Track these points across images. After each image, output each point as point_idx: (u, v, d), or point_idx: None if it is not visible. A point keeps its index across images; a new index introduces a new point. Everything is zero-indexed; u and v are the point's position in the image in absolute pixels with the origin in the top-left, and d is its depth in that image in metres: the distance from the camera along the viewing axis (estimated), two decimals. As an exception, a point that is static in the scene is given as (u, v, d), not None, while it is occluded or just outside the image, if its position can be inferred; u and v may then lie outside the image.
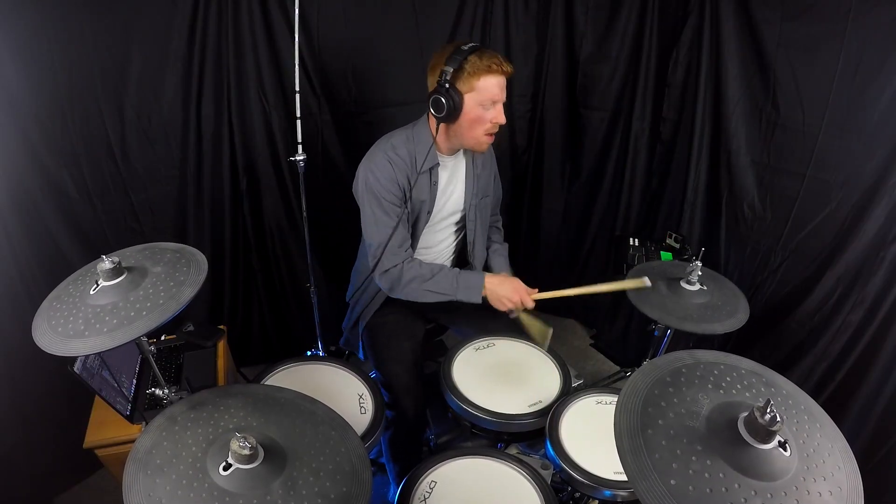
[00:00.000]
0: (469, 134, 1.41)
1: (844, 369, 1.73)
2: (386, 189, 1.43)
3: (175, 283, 1.01)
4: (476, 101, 1.35)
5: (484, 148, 1.47)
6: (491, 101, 1.36)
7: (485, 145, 1.46)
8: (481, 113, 1.37)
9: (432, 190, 1.51)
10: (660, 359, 0.90)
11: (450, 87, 1.33)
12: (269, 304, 2.28)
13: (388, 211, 1.44)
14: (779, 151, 1.80)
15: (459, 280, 1.48)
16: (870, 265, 1.62)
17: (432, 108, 1.38)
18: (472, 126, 1.39)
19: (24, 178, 1.55)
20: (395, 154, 1.43)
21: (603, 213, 2.47)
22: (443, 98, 1.34)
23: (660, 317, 1.42)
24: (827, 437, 0.80)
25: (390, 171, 1.42)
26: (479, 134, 1.41)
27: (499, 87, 1.36)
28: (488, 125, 1.40)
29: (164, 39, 1.68)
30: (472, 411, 1.35)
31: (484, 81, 1.33)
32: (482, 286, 1.46)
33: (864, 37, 1.51)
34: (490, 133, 1.42)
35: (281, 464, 0.84)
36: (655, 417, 0.79)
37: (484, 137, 1.42)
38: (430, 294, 1.48)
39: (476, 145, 1.45)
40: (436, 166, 1.49)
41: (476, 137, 1.42)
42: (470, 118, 1.38)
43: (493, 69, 1.33)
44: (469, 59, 1.31)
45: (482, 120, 1.38)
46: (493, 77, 1.34)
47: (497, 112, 1.39)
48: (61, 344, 0.92)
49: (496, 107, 1.38)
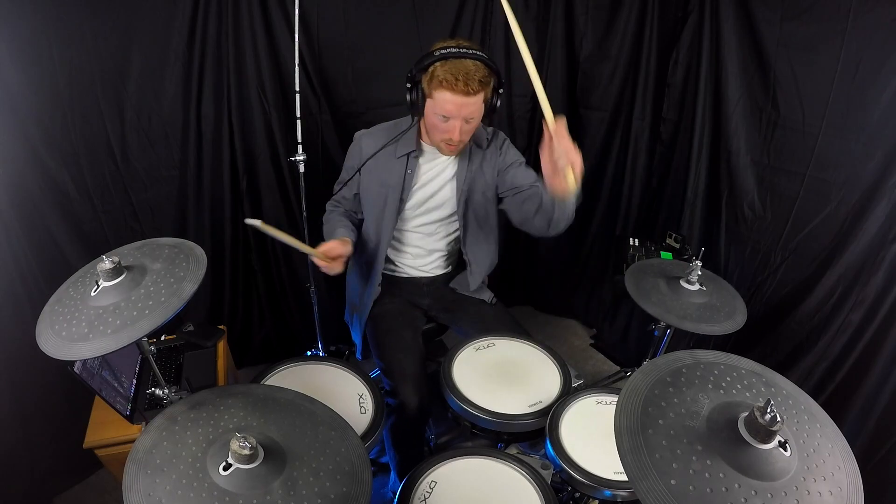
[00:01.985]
0: (431, 135, 1.44)
1: (844, 369, 1.73)
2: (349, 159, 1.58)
3: (175, 280, 1.01)
4: (431, 108, 1.35)
5: (444, 153, 1.48)
6: (443, 114, 1.33)
7: (445, 152, 1.46)
8: (437, 122, 1.36)
9: (407, 177, 1.51)
10: (660, 359, 0.90)
11: (412, 85, 1.35)
12: (269, 304, 2.28)
13: (343, 178, 1.61)
14: (779, 151, 1.80)
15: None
16: (870, 265, 1.62)
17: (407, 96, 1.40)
18: (432, 130, 1.41)
19: (24, 178, 1.55)
20: (369, 136, 1.54)
21: (603, 213, 2.47)
22: (407, 92, 1.37)
23: (659, 315, 1.42)
24: (827, 437, 0.80)
25: (357, 147, 1.55)
26: (437, 140, 1.43)
27: (453, 105, 1.30)
28: (446, 136, 1.38)
29: (164, 39, 1.68)
30: (472, 411, 1.35)
31: (439, 94, 1.30)
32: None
33: (864, 37, 1.51)
34: (447, 143, 1.41)
35: (281, 464, 0.84)
36: (655, 417, 0.79)
37: (442, 145, 1.43)
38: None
39: (437, 148, 1.48)
40: (411, 154, 1.50)
41: (435, 141, 1.44)
42: (429, 122, 1.40)
43: (445, 85, 1.28)
44: (434, 66, 1.29)
45: (437, 128, 1.38)
46: (447, 93, 1.29)
47: (449, 127, 1.34)
48: (66, 348, 0.92)
49: (449, 122, 1.34)
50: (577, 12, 2.13)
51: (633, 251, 2.15)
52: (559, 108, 2.32)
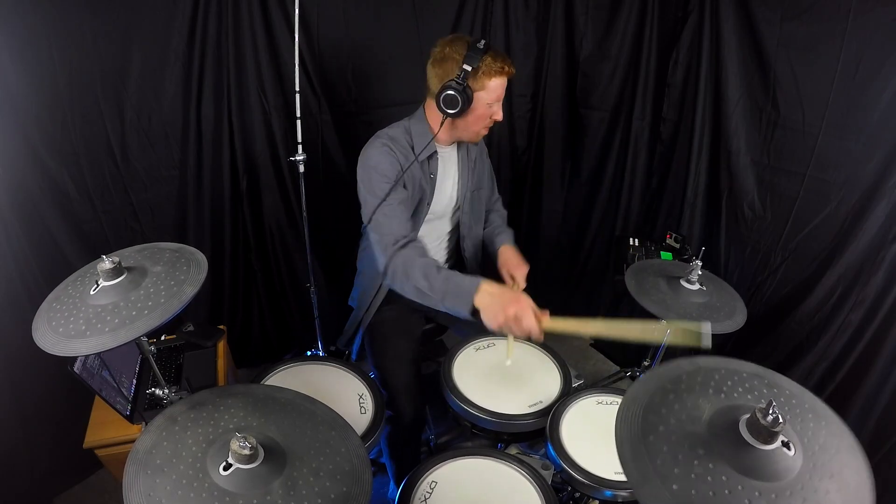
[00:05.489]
0: (472, 128, 1.47)
1: (844, 369, 1.73)
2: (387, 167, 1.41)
3: (175, 282, 1.01)
4: (484, 99, 1.40)
5: (477, 140, 1.55)
6: (497, 100, 1.42)
7: (479, 137, 1.54)
8: (486, 110, 1.43)
9: (431, 181, 1.53)
10: (659, 367, 0.90)
11: (466, 85, 1.36)
12: (269, 304, 2.28)
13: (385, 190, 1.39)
14: (779, 151, 1.80)
15: (452, 279, 1.27)
16: (870, 265, 1.62)
17: (444, 103, 1.38)
18: (477, 121, 1.45)
19: (24, 178, 1.55)
20: (394, 144, 1.46)
21: (603, 213, 2.47)
22: (458, 94, 1.36)
23: (660, 314, 1.42)
24: (833, 434, 0.80)
25: (392, 155, 1.43)
26: (480, 128, 1.48)
27: (503, 88, 1.43)
28: (489, 121, 1.46)
29: (164, 39, 1.68)
30: (473, 411, 1.35)
31: (494, 82, 1.39)
32: (474, 290, 1.22)
33: (864, 37, 1.51)
34: (488, 127, 1.50)
35: (281, 464, 0.83)
36: (656, 424, 0.79)
37: (483, 131, 1.50)
38: (415, 289, 1.32)
39: (473, 137, 1.52)
40: (434, 156, 1.52)
41: (477, 131, 1.49)
42: (476, 114, 1.43)
43: (504, 71, 1.39)
44: (485, 59, 1.36)
45: (485, 116, 1.44)
46: (502, 78, 1.40)
47: (498, 108, 1.45)
48: (62, 344, 0.92)
49: (498, 104, 1.45)
50: (577, 12, 2.13)
51: (633, 251, 2.15)
52: (559, 108, 2.32)
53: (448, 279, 1.28)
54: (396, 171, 1.42)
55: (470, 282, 1.25)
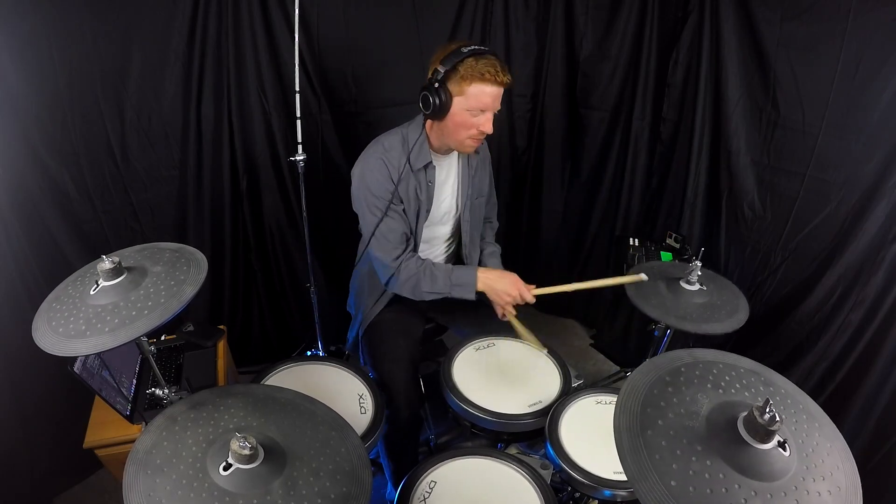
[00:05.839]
0: (454, 136, 1.41)
1: (844, 369, 1.73)
2: (379, 187, 1.43)
3: (176, 282, 1.01)
4: (464, 105, 1.34)
5: (467, 150, 1.47)
6: (479, 108, 1.34)
7: (468, 149, 1.46)
8: (468, 118, 1.36)
9: (429, 189, 1.51)
10: (658, 358, 0.90)
11: (440, 86, 1.32)
12: (269, 304, 2.28)
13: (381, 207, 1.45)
14: (779, 151, 1.80)
15: (452, 277, 1.49)
16: (870, 265, 1.62)
17: (421, 104, 1.37)
18: (457, 129, 1.38)
19: (24, 178, 1.55)
20: (389, 155, 1.44)
21: (603, 213, 2.47)
22: (430, 96, 1.33)
23: (659, 316, 1.42)
24: (825, 437, 0.80)
25: (384, 170, 1.43)
26: (462, 138, 1.40)
27: (490, 97, 1.33)
28: (474, 131, 1.38)
29: (164, 39, 1.68)
30: (472, 411, 1.35)
31: (475, 88, 1.31)
32: (475, 282, 1.47)
33: (864, 37, 1.51)
34: (475, 139, 1.41)
35: (281, 464, 0.84)
36: (655, 418, 0.79)
37: (468, 142, 1.42)
38: (427, 294, 1.50)
39: (458, 147, 1.45)
40: (429, 165, 1.49)
41: (459, 140, 1.41)
42: (456, 121, 1.37)
43: (486, 77, 1.30)
44: (465, 62, 1.30)
45: (467, 125, 1.37)
46: (485, 85, 1.31)
47: (485, 120, 1.36)
48: (62, 344, 0.92)
49: (485, 115, 1.36)
50: (577, 12, 2.13)
51: (633, 251, 2.15)
52: (559, 108, 2.32)
53: (449, 276, 1.49)
54: (391, 188, 1.44)
55: (468, 273, 1.50)
